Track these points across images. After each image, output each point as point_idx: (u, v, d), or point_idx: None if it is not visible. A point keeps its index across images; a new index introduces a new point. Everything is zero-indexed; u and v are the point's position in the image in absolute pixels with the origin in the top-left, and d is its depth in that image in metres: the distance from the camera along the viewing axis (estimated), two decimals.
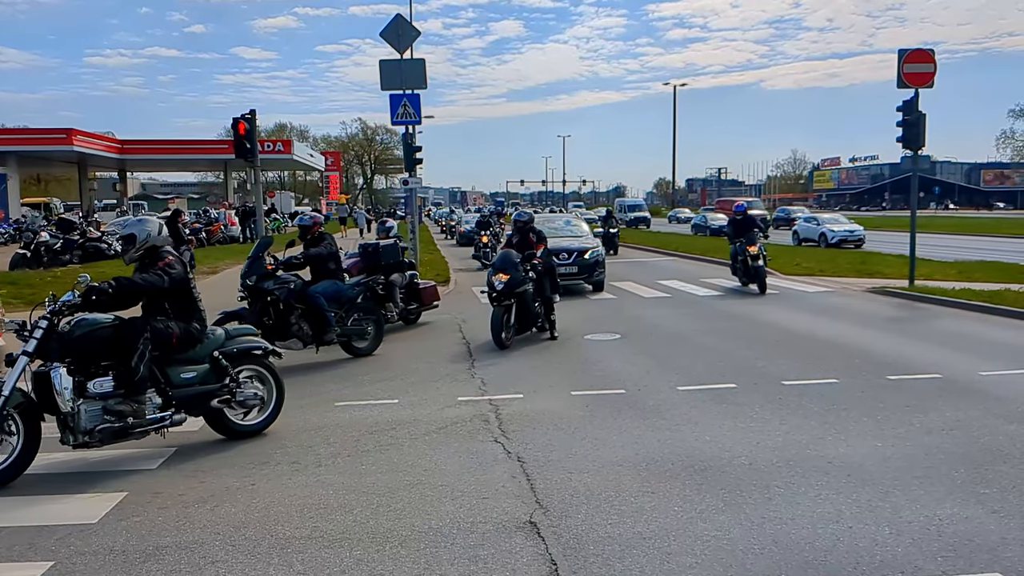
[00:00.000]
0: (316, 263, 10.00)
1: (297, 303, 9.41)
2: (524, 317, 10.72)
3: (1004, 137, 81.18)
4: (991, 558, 4.03)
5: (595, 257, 16.66)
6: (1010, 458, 5.57)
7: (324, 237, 10.22)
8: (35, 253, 21.53)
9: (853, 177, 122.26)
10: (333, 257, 10.14)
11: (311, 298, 9.48)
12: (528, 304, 10.71)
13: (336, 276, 10.10)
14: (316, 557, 4.22)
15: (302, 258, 9.90)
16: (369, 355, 10.03)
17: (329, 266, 10.04)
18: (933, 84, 15.18)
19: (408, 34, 19.03)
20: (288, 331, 9.36)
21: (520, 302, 10.57)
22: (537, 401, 7.52)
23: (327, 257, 10.04)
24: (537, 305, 10.98)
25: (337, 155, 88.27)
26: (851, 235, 31.32)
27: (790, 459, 5.63)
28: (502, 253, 11.09)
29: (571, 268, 16.34)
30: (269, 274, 9.32)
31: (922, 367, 8.58)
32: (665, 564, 4.03)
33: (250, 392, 6.55)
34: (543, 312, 11.17)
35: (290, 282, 9.46)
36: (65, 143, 38.50)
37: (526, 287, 10.62)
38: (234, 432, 6.50)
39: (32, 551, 4.38)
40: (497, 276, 10.48)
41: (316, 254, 9.95)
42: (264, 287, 9.26)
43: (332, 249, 10.15)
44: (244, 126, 15.29)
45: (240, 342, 6.59)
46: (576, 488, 5.16)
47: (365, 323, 10.17)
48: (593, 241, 17.28)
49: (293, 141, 58.43)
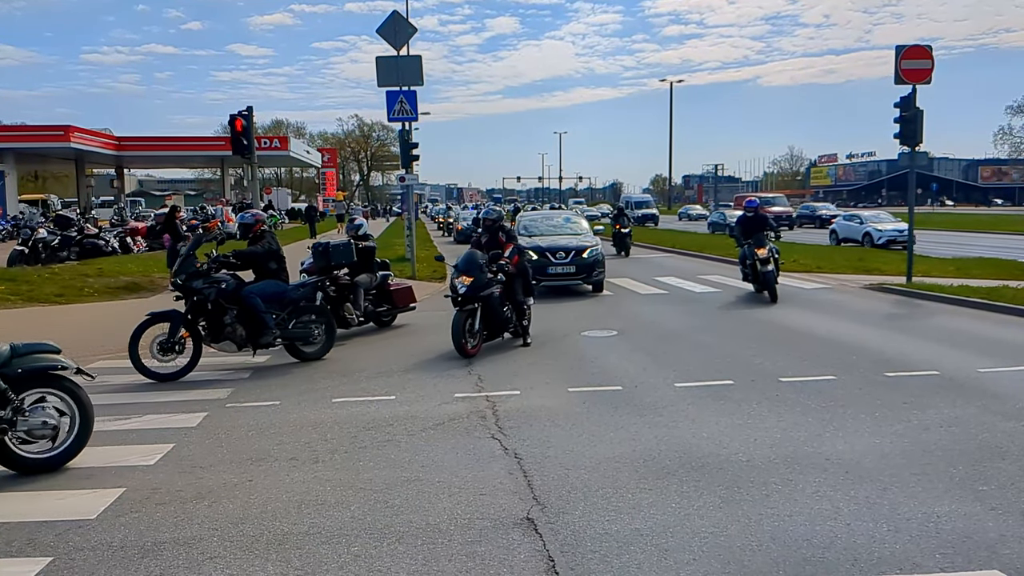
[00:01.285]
0: (253, 262, 9.52)
1: (230, 304, 9.02)
2: (492, 322, 10.01)
3: (1002, 133, 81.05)
4: (989, 555, 4.03)
5: (594, 256, 15.97)
6: (1008, 455, 5.58)
7: (264, 235, 9.66)
8: (33, 250, 21.49)
9: (850, 174, 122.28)
10: (272, 256, 9.55)
11: (245, 299, 9.08)
12: (495, 308, 9.96)
13: (278, 276, 9.58)
14: (314, 553, 4.22)
15: (233, 257, 9.37)
16: (318, 359, 9.61)
17: (270, 266, 9.52)
18: (931, 80, 15.19)
19: (405, 31, 19.02)
20: (221, 333, 9.04)
21: (486, 306, 9.85)
22: (534, 397, 7.52)
23: (264, 256, 9.49)
24: (507, 309, 10.32)
25: (334, 152, 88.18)
26: (900, 235, 27.14)
27: (788, 456, 5.63)
28: (466, 254, 10.22)
29: (568, 268, 15.74)
30: (199, 273, 8.93)
31: (920, 364, 8.59)
32: (662, 560, 4.03)
33: (37, 420, 5.58)
34: (514, 317, 10.47)
35: (222, 281, 9.04)
36: (62, 140, 38.39)
37: (492, 290, 9.93)
38: (22, 466, 5.62)
39: (31, 547, 4.38)
40: (460, 279, 9.79)
41: (249, 253, 9.47)
42: (192, 286, 8.88)
43: (272, 248, 9.56)
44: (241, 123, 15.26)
45: (28, 361, 5.64)
46: (573, 484, 5.16)
47: (312, 326, 9.68)
48: (592, 239, 16.65)
49: (290, 138, 58.25)
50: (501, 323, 10.18)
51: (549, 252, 15.73)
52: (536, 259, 15.11)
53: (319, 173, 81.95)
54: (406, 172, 20.82)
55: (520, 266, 10.72)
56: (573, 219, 18.96)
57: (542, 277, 15.27)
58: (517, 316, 10.45)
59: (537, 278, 15.03)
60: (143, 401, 7.78)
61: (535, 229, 17.52)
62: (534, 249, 15.48)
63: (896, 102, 15.32)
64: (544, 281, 15.44)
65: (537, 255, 15.39)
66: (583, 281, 16.02)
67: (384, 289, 12.20)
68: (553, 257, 15.67)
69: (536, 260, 15.07)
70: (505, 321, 10.26)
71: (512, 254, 10.51)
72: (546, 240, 16.47)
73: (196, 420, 6.96)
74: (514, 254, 10.56)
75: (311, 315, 9.77)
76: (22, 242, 22.38)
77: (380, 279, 12.17)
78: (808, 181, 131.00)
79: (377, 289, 12.08)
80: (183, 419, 7.00)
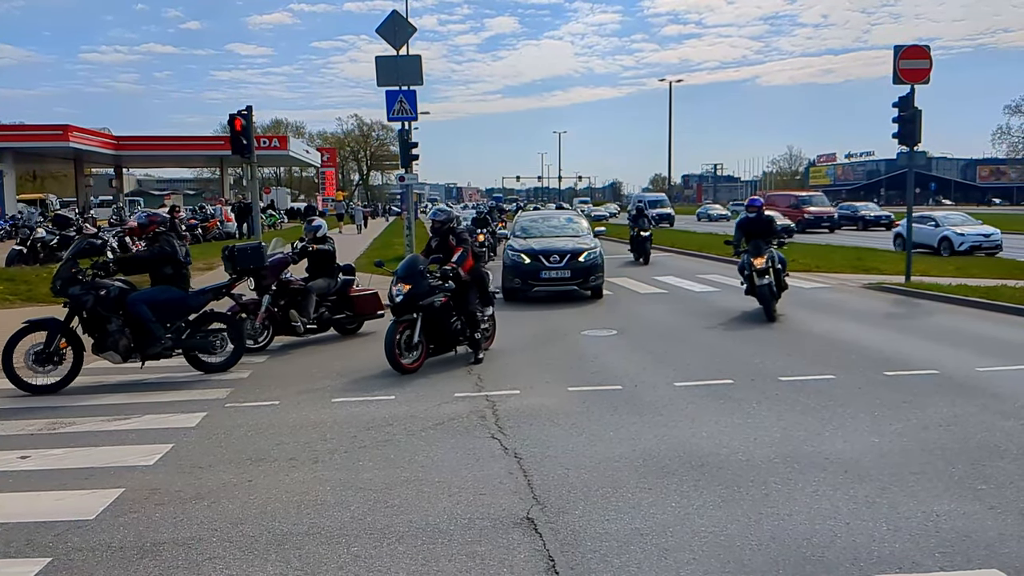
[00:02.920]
0: (141, 267, 8.93)
1: (112, 311, 8.40)
2: (436, 335, 9.11)
3: (1000, 133, 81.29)
4: (988, 554, 4.03)
5: (591, 260, 14.74)
6: (1007, 454, 5.58)
7: (159, 238, 8.92)
8: (31, 249, 21.46)
9: (849, 173, 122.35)
10: (167, 260, 8.77)
11: (130, 306, 8.46)
12: (440, 320, 9.03)
13: (176, 282, 8.86)
14: (313, 553, 4.21)
15: (114, 263, 8.78)
16: (224, 371, 8.98)
17: (164, 271, 8.77)
18: (929, 80, 15.20)
19: (404, 30, 19.00)
20: (106, 342, 8.47)
21: (428, 317, 8.91)
22: (534, 397, 7.52)
23: (153, 260, 8.80)
24: (456, 320, 9.29)
25: (333, 151, 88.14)
26: (987, 240, 24.37)
27: (787, 455, 5.63)
28: (408, 258, 9.44)
29: (563, 272, 14.49)
30: (74, 279, 8.35)
31: (919, 363, 8.59)
32: (663, 560, 4.03)
33: None
34: (466, 329, 9.38)
35: (102, 288, 8.41)
36: (61, 139, 38.39)
37: (434, 299, 8.93)
38: None
39: (29, 547, 4.37)
40: (398, 285, 8.91)
41: (131, 258, 8.94)
42: (69, 293, 8.31)
43: (165, 252, 8.78)
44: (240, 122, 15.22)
45: None
46: (573, 484, 5.16)
47: (214, 336, 9.04)
48: (591, 241, 15.52)
49: (289, 137, 58.27)
50: (449, 335, 9.26)
51: (542, 255, 14.63)
52: (528, 263, 14.55)
53: (318, 173, 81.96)
54: (405, 172, 20.77)
55: (475, 272, 9.69)
56: (575, 219, 17.79)
57: (535, 282, 14.67)
58: (470, 327, 9.38)
59: (529, 283, 14.65)
60: (142, 401, 7.77)
61: (534, 230, 16.64)
62: (527, 252, 14.76)
63: (895, 102, 15.33)
64: (537, 286, 14.80)
65: (530, 258, 14.62)
66: (579, 287, 14.89)
67: (345, 295, 11.43)
68: (546, 261, 14.54)
69: (528, 264, 14.54)
70: (454, 333, 9.28)
71: (462, 258, 9.43)
72: (540, 242, 15.43)
73: (195, 420, 6.95)
74: (464, 258, 9.49)
75: (214, 324, 9.17)
76: (20, 242, 22.37)
77: (341, 284, 11.41)
78: (807, 181, 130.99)
79: (337, 295, 11.35)
80: (182, 419, 6.99)
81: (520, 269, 14.64)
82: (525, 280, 14.68)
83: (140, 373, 8.89)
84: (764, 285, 11.82)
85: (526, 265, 14.55)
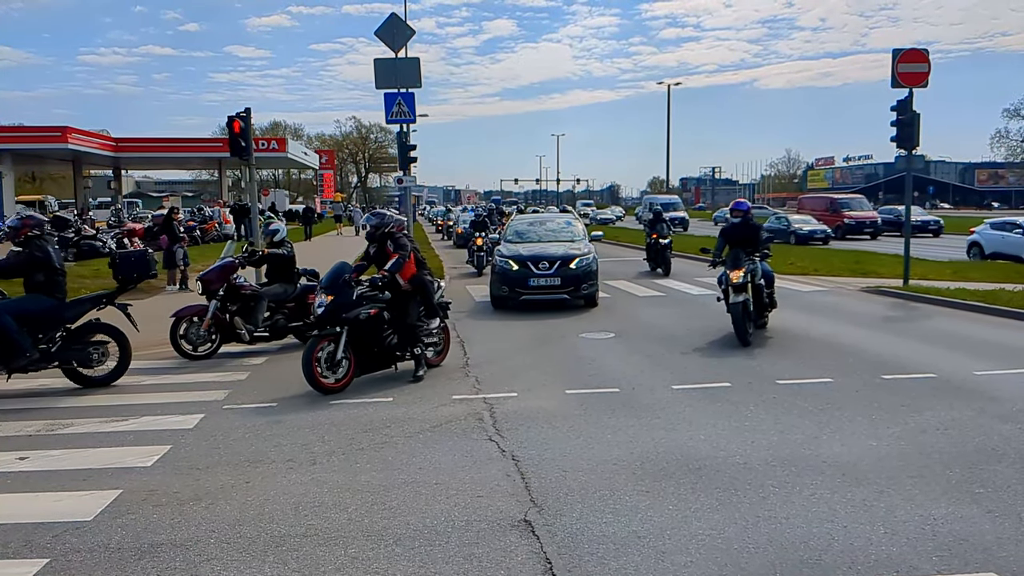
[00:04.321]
0: (13, 273, 8.33)
1: None
2: (366, 351, 8.28)
3: (998, 136, 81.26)
4: (986, 557, 4.04)
5: (583, 266, 13.81)
6: (1004, 458, 5.59)
7: (31, 242, 8.20)
8: None
9: (847, 177, 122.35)
10: (39, 267, 8.14)
11: None
12: (370, 334, 8.26)
13: (49, 289, 8.22)
14: (311, 555, 4.21)
15: None
16: (106, 385, 8.45)
17: (36, 277, 8.16)
18: (927, 84, 15.22)
19: (403, 33, 19.05)
20: None
21: (355, 331, 8.10)
22: (531, 399, 7.52)
23: (25, 266, 8.16)
24: (390, 335, 8.45)
25: (331, 153, 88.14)
26: None
27: (785, 458, 5.64)
28: (334, 266, 8.52)
29: (552, 280, 13.64)
30: None
31: (916, 367, 8.60)
32: (660, 563, 4.04)
33: None
34: (404, 344, 8.54)
35: None
36: (60, 141, 38.37)
37: (361, 312, 8.15)
38: None
39: (27, 548, 4.37)
40: (320, 297, 8.22)
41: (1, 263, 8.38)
42: None
43: (38, 257, 8.13)
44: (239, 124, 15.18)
45: None
46: (571, 486, 5.16)
47: (93, 348, 8.41)
48: (585, 247, 14.53)
49: (287, 139, 58.27)
50: (383, 352, 8.47)
51: (531, 261, 13.81)
52: (516, 269, 13.80)
53: (317, 175, 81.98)
54: (404, 174, 20.84)
55: (417, 280, 8.82)
56: (573, 223, 16.65)
57: (523, 290, 13.79)
58: (408, 342, 8.56)
59: (517, 291, 13.82)
60: (140, 403, 7.76)
61: (527, 235, 15.71)
62: (515, 258, 14.00)
63: (893, 105, 15.34)
64: (525, 295, 13.87)
65: (518, 265, 13.85)
66: (570, 295, 13.85)
67: (304, 302, 10.56)
68: (535, 267, 13.71)
69: (516, 271, 13.79)
70: (390, 349, 8.49)
71: (396, 266, 8.52)
72: (529, 248, 14.58)
73: (193, 422, 6.96)
74: (399, 265, 8.54)
75: (98, 335, 8.52)
76: None
77: (300, 291, 10.68)
78: (805, 184, 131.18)
79: (296, 301, 10.63)
80: (180, 421, 7.00)
81: (508, 276, 13.91)
82: (513, 288, 13.90)
83: (138, 375, 8.87)
84: (737, 303, 9.99)
85: (514, 272, 13.84)
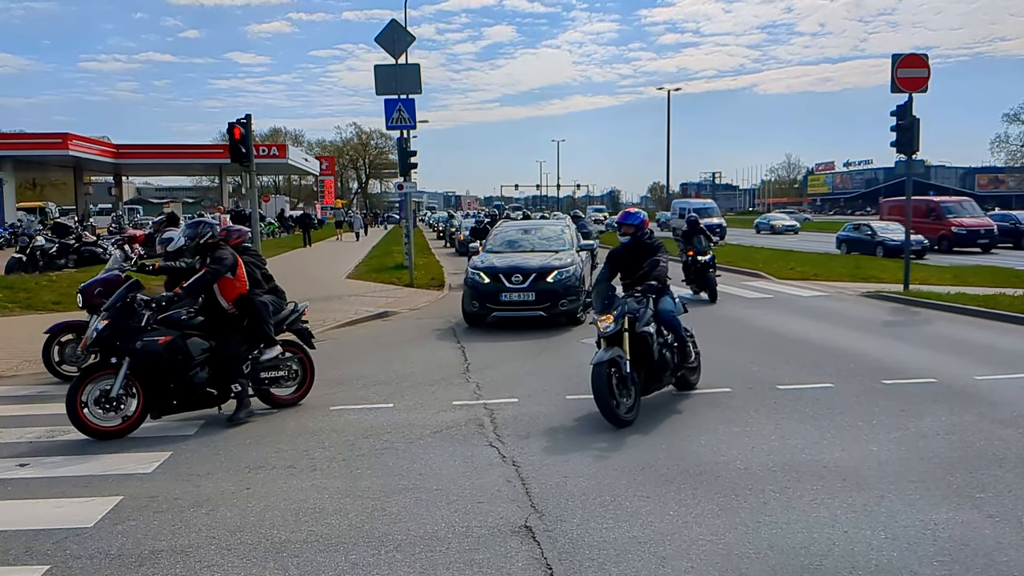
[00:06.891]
0: None
1: None
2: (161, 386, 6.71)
3: (998, 141, 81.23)
4: (987, 562, 4.03)
5: (561, 280, 12.15)
6: (1005, 462, 5.59)
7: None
8: (31, 257, 21.46)
9: (847, 181, 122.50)
10: None
11: None
12: (166, 368, 6.68)
13: None
14: (312, 561, 4.21)
15: None
16: None
17: None
18: (927, 89, 15.24)
19: (403, 39, 19.10)
20: None
21: (141, 363, 6.57)
22: (532, 405, 7.52)
23: None
24: (197, 370, 6.87)
25: (332, 159, 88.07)
26: None
27: (785, 464, 5.64)
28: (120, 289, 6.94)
29: (525, 295, 12.07)
30: None
31: (917, 372, 8.60)
32: (660, 569, 4.03)
33: None
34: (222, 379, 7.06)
35: None
36: (60, 147, 38.40)
37: (147, 339, 6.60)
38: None
39: (28, 555, 4.37)
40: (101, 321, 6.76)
41: None
42: None
43: None
44: (239, 130, 15.23)
45: None
46: (571, 492, 5.16)
47: None
48: (568, 258, 12.87)
49: (288, 145, 58.34)
50: (185, 387, 6.83)
51: (503, 274, 12.25)
52: (487, 283, 12.27)
53: (317, 181, 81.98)
54: (404, 180, 20.87)
55: (244, 302, 7.29)
56: (566, 232, 14.72)
57: (494, 306, 12.31)
58: (228, 374, 7.06)
59: (488, 307, 12.36)
60: None
61: (509, 244, 14.15)
62: (487, 270, 12.44)
63: (893, 110, 15.35)
64: (497, 311, 12.42)
65: (489, 277, 12.31)
66: (545, 312, 12.14)
67: None
68: (507, 280, 12.16)
69: (487, 284, 12.27)
70: (195, 386, 6.88)
71: (198, 284, 7.03)
72: (504, 258, 13.00)
73: (194, 428, 6.95)
74: (206, 282, 7.06)
75: None
76: (20, 250, 22.35)
77: None
78: (805, 189, 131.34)
79: None
80: (181, 427, 6.99)
81: (478, 290, 12.38)
82: (483, 303, 12.38)
83: None
84: (601, 363, 6.61)
85: (484, 285, 12.30)
